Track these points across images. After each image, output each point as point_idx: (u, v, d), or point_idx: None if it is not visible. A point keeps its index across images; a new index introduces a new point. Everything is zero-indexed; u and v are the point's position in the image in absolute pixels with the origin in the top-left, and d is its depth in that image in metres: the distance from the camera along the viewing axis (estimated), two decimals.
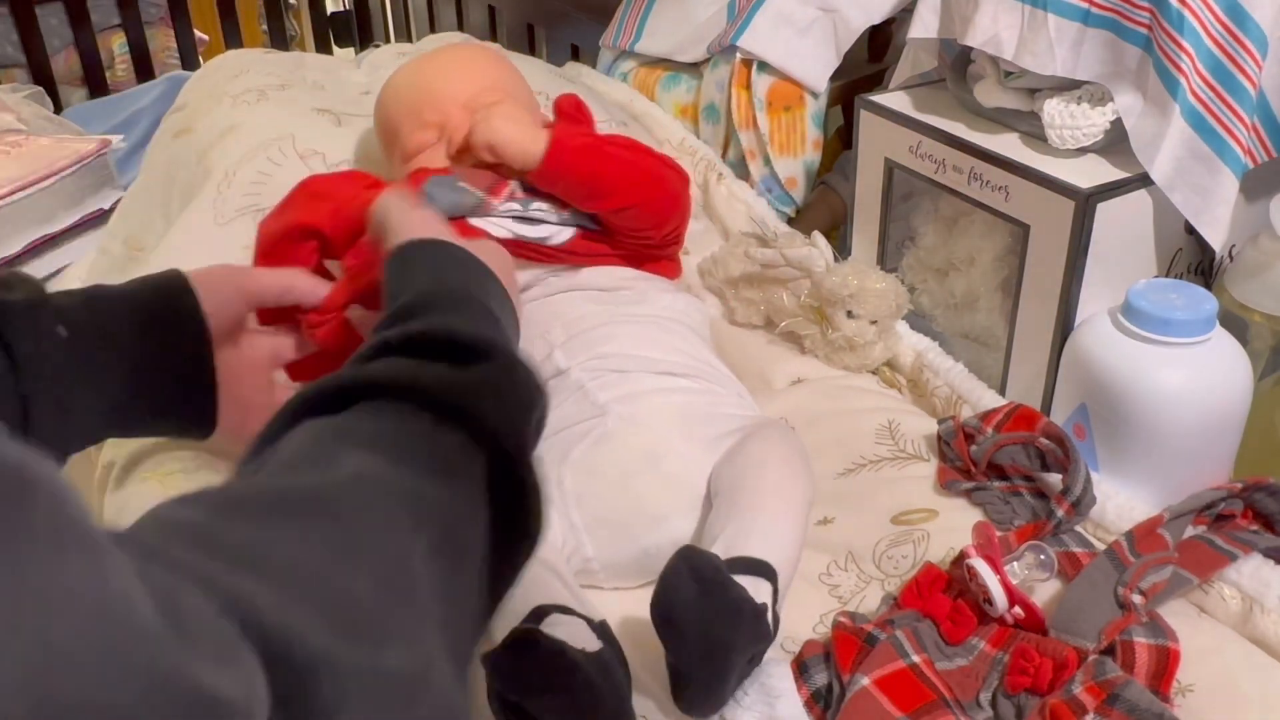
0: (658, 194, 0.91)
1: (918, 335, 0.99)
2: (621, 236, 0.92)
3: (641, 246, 0.93)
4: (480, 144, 0.87)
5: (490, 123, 0.87)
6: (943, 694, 0.65)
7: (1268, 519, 0.75)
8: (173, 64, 2.08)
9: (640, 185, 0.90)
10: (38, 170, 1.23)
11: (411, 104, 0.96)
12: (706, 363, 0.87)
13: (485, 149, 0.87)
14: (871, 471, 0.86)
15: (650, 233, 0.93)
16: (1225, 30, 0.82)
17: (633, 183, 0.90)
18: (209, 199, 1.05)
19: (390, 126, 0.98)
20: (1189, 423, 0.78)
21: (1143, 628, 0.66)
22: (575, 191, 0.89)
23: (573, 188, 0.89)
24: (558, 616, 0.64)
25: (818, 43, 1.17)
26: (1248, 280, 0.84)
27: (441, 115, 0.94)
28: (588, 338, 0.85)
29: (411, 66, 1.01)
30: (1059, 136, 0.87)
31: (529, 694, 0.60)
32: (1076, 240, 0.83)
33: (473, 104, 0.94)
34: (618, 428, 0.78)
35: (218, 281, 0.75)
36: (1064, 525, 0.76)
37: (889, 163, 1.00)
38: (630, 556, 0.76)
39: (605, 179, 0.89)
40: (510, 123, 0.87)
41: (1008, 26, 0.89)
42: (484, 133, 0.87)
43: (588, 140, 0.90)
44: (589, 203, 0.89)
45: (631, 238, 0.92)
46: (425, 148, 0.94)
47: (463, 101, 0.94)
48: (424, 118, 0.95)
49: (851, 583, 0.77)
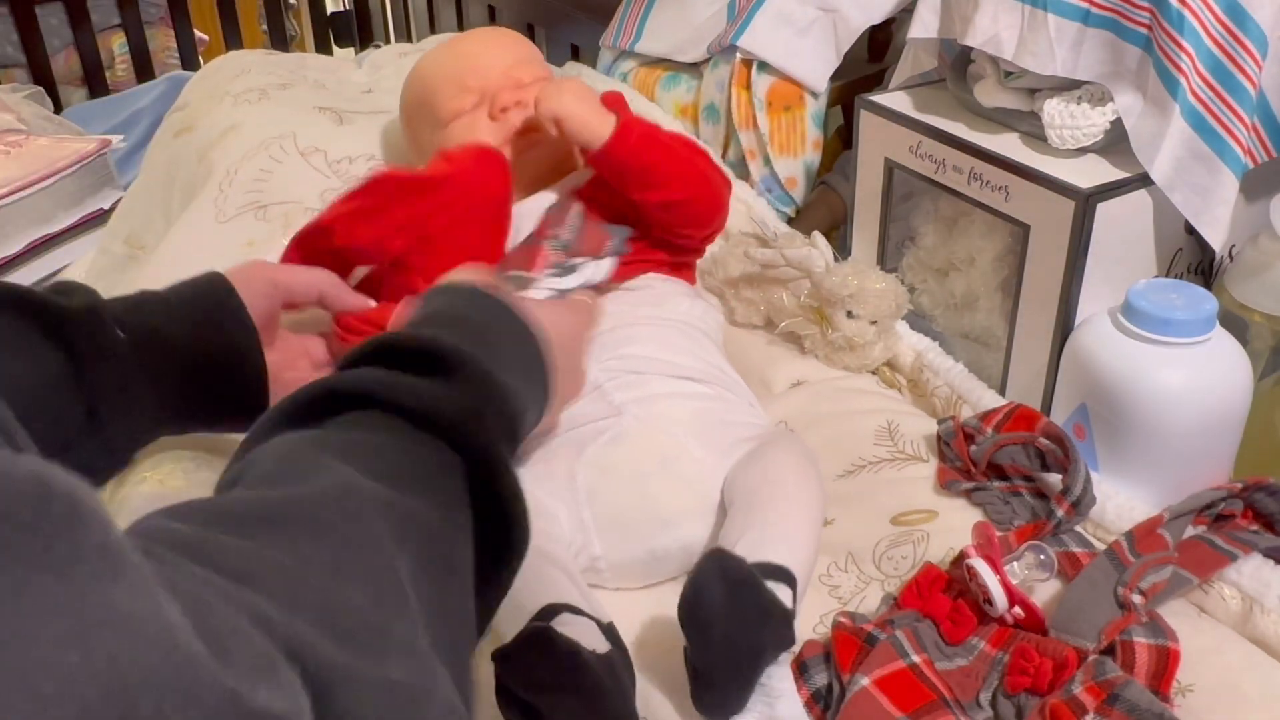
0: (707, 192, 0.93)
1: (918, 335, 0.99)
2: (662, 234, 0.92)
3: (678, 248, 0.94)
4: (547, 115, 0.88)
5: (561, 97, 0.88)
6: (943, 694, 0.65)
7: (1268, 519, 0.75)
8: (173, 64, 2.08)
9: (693, 182, 0.91)
10: (38, 170, 1.23)
11: (452, 71, 0.99)
12: (721, 369, 0.88)
13: (551, 121, 0.88)
14: (871, 472, 0.86)
15: (692, 231, 0.94)
16: (1225, 30, 0.82)
17: (687, 178, 0.91)
18: (210, 197, 1.05)
19: (425, 98, 1.00)
20: (1189, 423, 0.78)
21: (1143, 628, 0.66)
22: (631, 179, 0.89)
23: (630, 174, 0.89)
24: (568, 616, 0.64)
25: (818, 43, 1.17)
26: (1248, 280, 0.84)
27: (483, 80, 0.96)
28: (608, 338, 0.85)
29: (447, 43, 1.04)
30: (1059, 136, 0.87)
31: (539, 692, 0.60)
32: (1076, 240, 0.83)
33: (511, 73, 0.97)
34: (633, 428, 0.78)
35: (252, 277, 0.77)
36: (1064, 525, 0.76)
37: (889, 163, 1.00)
38: (637, 558, 0.76)
39: (662, 169, 0.90)
40: (579, 100, 0.88)
41: (1008, 26, 0.89)
42: (554, 105, 0.88)
43: (652, 128, 0.91)
44: (641, 191, 0.90)
45: (673, 235, 0.93)
46: (463, 113, 0.96)
47: (503, 69, 0.97)
48: (465, 83, 0.97)
49: (851, 583, 0.77)
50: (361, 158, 1.11)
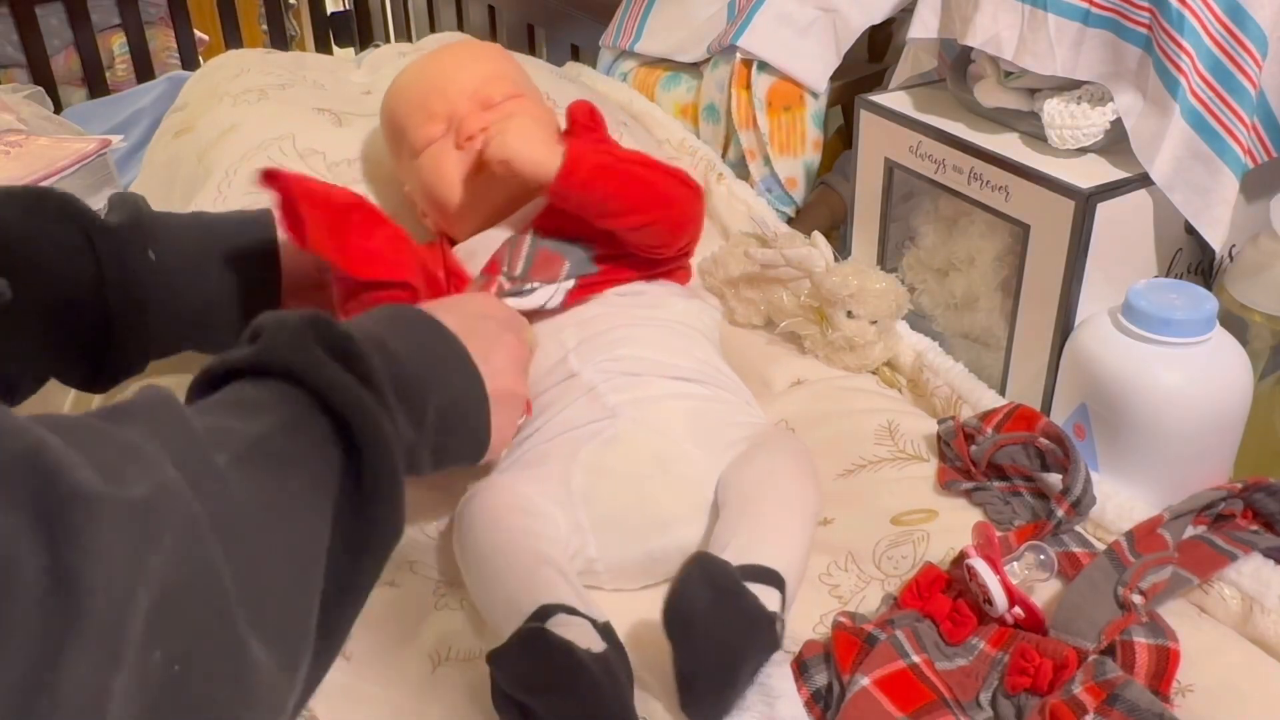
0: (672, 212, 0.90)
1: (918, 335, 0.99)
2: (633, 250, 0.91)
3: (653, 261, 0.93)
4: (494, 159, 0.86)
5: (504, 139, 0.86)
6: (943, 694, 0.65)
7: (1268, 519, 0.75)
8: (173, 64, 2.08)
9: (655, 204, 0.88)
10: (38, 170, 1.23)
11: (418, 97, 0.96)
12: (716, 369, 0.87)
13: (499, 165, 0.86)
14: (871, 472, 0.86)
15: (663, 249, 0.92)
16: (1225, 30, 0.82)
17: (648, 201, 0.88)
18: (210, 198, 1.05)
19: (397, 123, 0.98)
20: (1189, 423, 0.78)
21: (1143, 628, 0.66)
22: (589, 210, 0.87)
23: (586, 206, 0.87)
24: (563, 617, 0.64)
25: (818, 43, 1.17)
26: (1248, 280, 0.84)
27: (449, 106, 0.94)
28: (601, 340, 0.85)
29: (416, 64, 1.01)
30: (1059, 136, 0.87)
31: (535, 693, 0.60)
32: (1076, 240, 0.83)
33: (479, 94, 0.94)
34: (628, 430, 0.78)
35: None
36: (1064, 525, 0.76)
37: (889, 163, 1.00)
38: (634, 559, 0.76)
39: (619, 198, 0.87)
40: (524, 140, 0.86)
41: (1008, 26, 0.89)
42: (498, 149, 0.86)
43: (603, 159, 0.88)
44: (602, 220, 0.88)
45: (646, 251, 0.91)
46: (433, 141, 0.94)
47: (469, 92, 0.94)
48: (431, 109, 0.94)
49: (851, 583, 0.77)
50: (361, 160, 1.11)
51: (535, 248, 0.89)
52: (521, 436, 0.82)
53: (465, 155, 0.93)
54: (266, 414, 0.47)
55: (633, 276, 0.92)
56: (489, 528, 0.73)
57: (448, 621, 0.74)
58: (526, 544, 0.71)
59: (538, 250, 0.89)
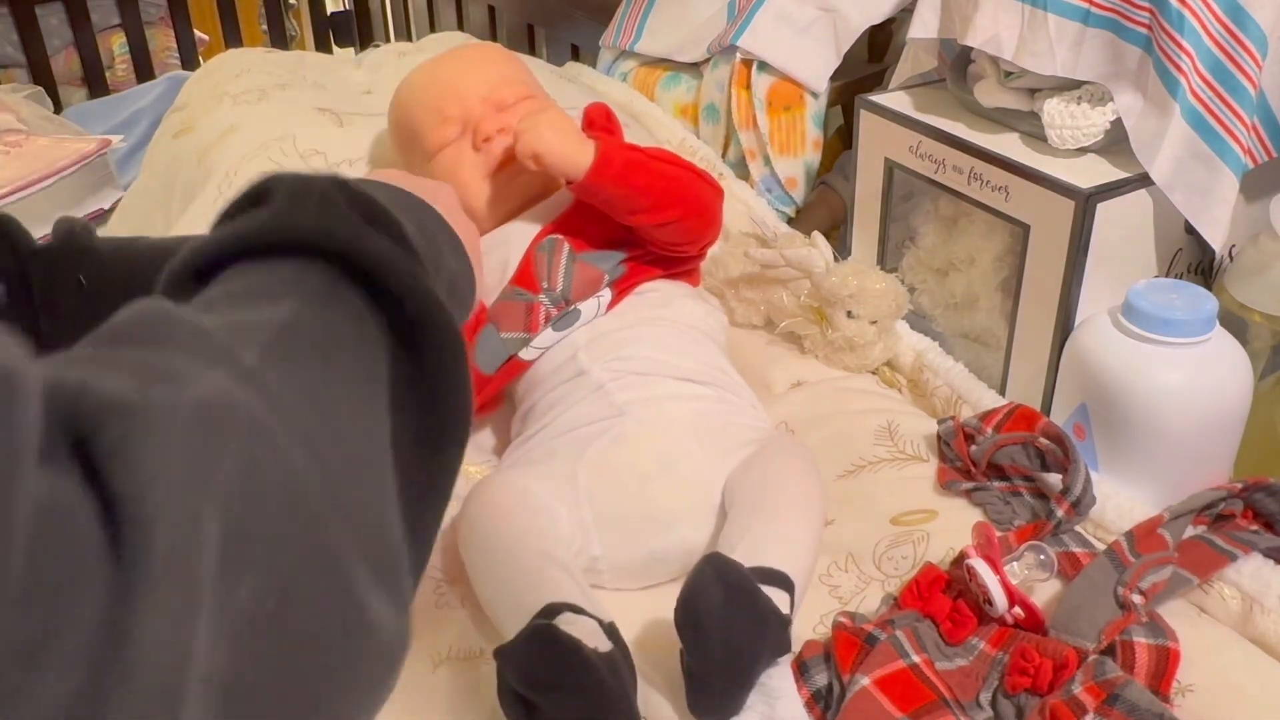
0: (696, 209, 0.91)
1: (918, 335, 0.99)
2: (657, 249, 0.91)
3: (675, 260, 0.94)
4: (526, 153, 0.86)
5: (537, 131, 0.86)
6: (943, 694, 0.65)
7: (1268, 519, 0.75)
8: (173, 64, 2.08)
9: (683, 200, 0.89)
10: (38, 170, 1.23)
11: (431, 100, 0.96)
12: (723, 371, 0.88)
13: (530, 158, 0.86)
14: (871, 472, 0.86)
15: (687, 246, 0.93)
16: (1225, 30, 0.82)
17: (676, 198, 0.89)
18: (210, 199, 1.06)
19: (409, 127, 0.98)
20: (1189, 423, 0.78)
21: (1143, 628, 0.66)
22: (617, 205, 0.88)
23: (615, 200, 0.88)
24: (570, 615, 0.65)
25: (818, 43, 1.17)
26: (1248, 280, 0.84)
27: (463, 108, 0.94)
28: (611, 339, 0.85)
29: (425, 67, 1.01)
30: (1059, 136, 0.87)
31: (542, 689, 0.60)
32: (1076, 240, 0.83)
33: (493, 97, 0.95)
34: (635, 430, 0.79)
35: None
36: (1064, 525, 0.76)
37: (889, 163, 1.00)
38: (637, 559, 0.76)
39: (650, 193, 0.88)
40: (557, 133, 0.86)
41: (1008, 26, 0.89)
42: (530, 142, 0.86)
43: (633, 154, 0.89)
44: (630, 216, 0.88)
45: (668, 250, 0.92)
46: (448, 143, 0.95)
47: (483, 94, 0.95)
48: (445, 112, 0.95)
49: (851, 583, 0.77)
50: (362, 160, 1.11)
51: (572, 263, 0.89)
52: (529, 432, 0.83)
53: (482, 156, 0.93)
54: (285, 297, 0.38)
55: (656, 274, 0.93)
56: (495, 525, 0.73)
57: (449, 620, 0.74)
58: (533, 543, 0.72)
59: (575, 267, 0.89)
